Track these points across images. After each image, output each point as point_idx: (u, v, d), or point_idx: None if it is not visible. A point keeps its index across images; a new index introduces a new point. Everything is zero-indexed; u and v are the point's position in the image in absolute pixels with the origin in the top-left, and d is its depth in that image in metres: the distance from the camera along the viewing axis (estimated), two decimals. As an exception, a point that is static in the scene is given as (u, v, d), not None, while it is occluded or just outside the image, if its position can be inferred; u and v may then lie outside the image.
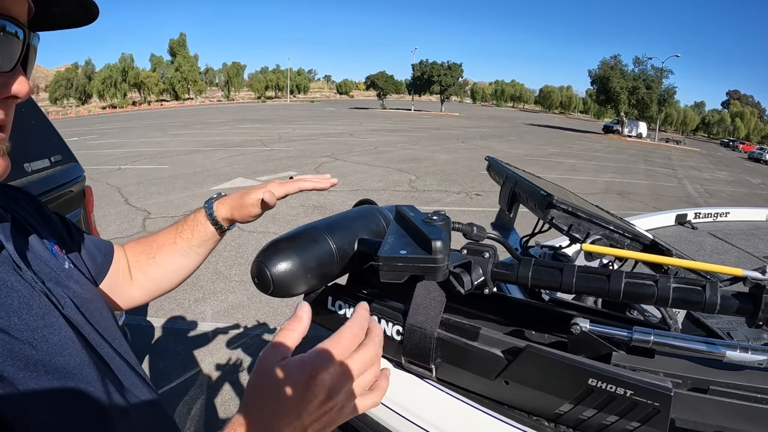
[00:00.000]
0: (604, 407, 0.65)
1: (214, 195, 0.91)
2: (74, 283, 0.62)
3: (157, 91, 69.08)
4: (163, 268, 0.89)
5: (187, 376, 3.06)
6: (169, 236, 0.89)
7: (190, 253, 0.89)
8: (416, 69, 61.19)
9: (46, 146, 2.61)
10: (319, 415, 0.47)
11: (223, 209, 0.87)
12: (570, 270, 0.68)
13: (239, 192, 0.86)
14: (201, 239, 0.88)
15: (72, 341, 0.52)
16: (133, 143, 16.76)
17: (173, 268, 0.89)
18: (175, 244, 0.88)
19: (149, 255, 0.88)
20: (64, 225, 0.75)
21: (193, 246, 0.88)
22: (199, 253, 0.90)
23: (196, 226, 0.88)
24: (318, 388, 0.47)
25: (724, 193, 14.22)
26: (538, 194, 1.08)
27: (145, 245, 0.89)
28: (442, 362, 0.77)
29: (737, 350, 0.69)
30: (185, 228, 0.89)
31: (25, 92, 0.50)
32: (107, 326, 0.63)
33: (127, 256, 0.88)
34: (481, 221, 0.83)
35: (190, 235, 0.88)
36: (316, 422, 0.47)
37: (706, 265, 0.78)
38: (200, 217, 0.88)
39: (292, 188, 0.83)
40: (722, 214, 2.60)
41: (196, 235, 0.88)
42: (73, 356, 0.50)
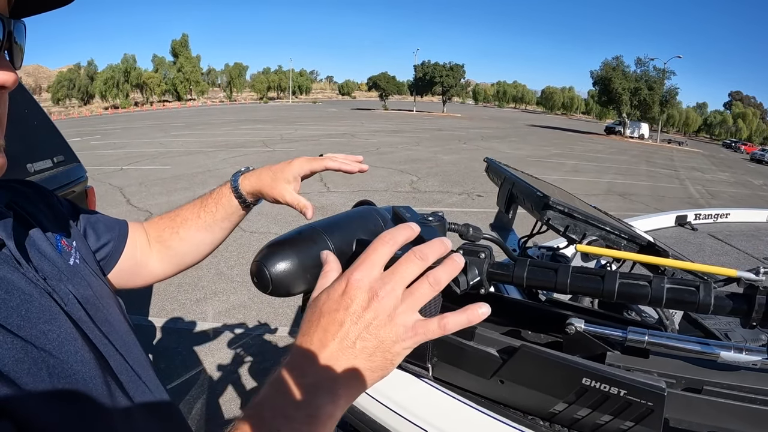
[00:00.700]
0: (598, 407, 0.66)
1: (242, 168, 0.89)
2: (79, 280, 0.61)
3: (159, 91, 69.23)
4: (187, 242, 0.87)
5: (188, 375, 3.07)
6: (194, 210, 0.88)
7: (214, 228, 0.88)
8: (418, 70, 61.25)
9: (48, 147, 2.63)
10: (366, 322, 0.44)
11: (249, 183, 0.85)
12: (564, 270, 0.69)
13: (268, 168, 0.84)
14: (225, 213, 0.87)
15: (73, 339, 0.52)
16: (136, 144, 16.80)
17: (197, 242, 0.88)
18: (199, 218, 0.87)
19: (173, 229, 0.87)
20: (71, 212, 0.75)
21: (217, 220, 0.87)
22: (223, 228, 0.89)
23: (221, 199, 0.86)
24: (354, 291, 0.44)
25: (726, 195, 14.19)
26: (535, 195, 1.08)
27: (169, 220, 0.88)
28: (439, 361, 0.77)
29: (731, 351, 0.69)
30: (210, 201, 0.87)
31: (12, 81, 0.48)
32: (112, 324, 0.62)
33: (149, 232, 0.87)
34: (482, 222, 0.84)
35: (215, 209, 0.87)
36: (365, 331, 0.44)
37: (700, 266, 0.78)
38: (225, 190, 0.86)
39: (318, 166, 0.81)
40: (723, 215, 2.60)
41: (221, 208, 0.86)
42: (73, 354, 0.50)
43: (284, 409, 0.42)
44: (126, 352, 0.61)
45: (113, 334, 0.61)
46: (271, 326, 3.77)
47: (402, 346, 0.45)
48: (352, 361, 0.44)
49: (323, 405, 0.42)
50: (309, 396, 0.42)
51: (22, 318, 0.48)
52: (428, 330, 0.45)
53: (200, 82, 72.62)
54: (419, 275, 0.46)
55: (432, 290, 0.46)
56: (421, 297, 0.46)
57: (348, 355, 0.44)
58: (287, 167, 0.82)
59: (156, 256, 0.87)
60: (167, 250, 0.87)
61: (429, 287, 0.46)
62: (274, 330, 3.71)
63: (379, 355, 0.44)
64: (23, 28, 0.53)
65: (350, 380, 0.44)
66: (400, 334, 0.45)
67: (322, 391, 0.43)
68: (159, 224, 0.88)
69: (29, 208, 0.64)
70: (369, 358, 0.44)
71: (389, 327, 0.44)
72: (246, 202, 0.86)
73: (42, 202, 0.68)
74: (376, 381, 0.46)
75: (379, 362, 0.45)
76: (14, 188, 0.66)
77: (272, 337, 3.62)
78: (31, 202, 0.66)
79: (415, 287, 0.46)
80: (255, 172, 0.86)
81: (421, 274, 0.46)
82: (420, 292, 0.45)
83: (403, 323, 0.45)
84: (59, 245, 0.63)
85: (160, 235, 0.87)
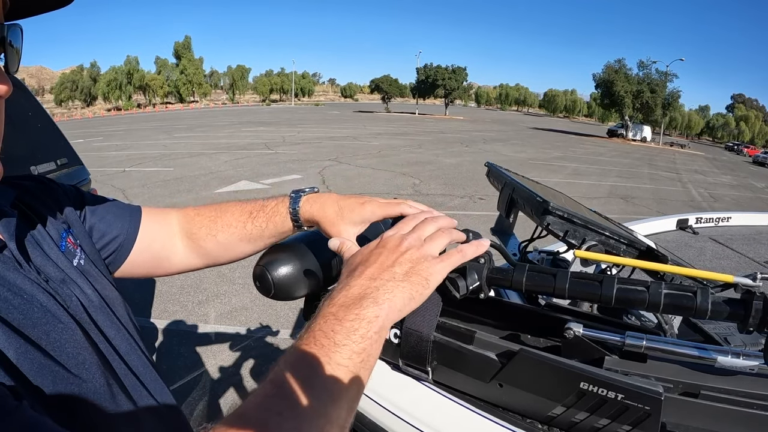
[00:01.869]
0: (595, 410, 0.66)
1: (306, 188, 0.81)
2: (83, 281, 0.61)
3: (161, 93, 69.43)
4: (224, 247, 0.82)
5: (190, 377, 3.07)
6: (240, 218, 0.80)
7: (258, 242, 0.81)
8: (421, 72, 61.25)
9: (52, 149, 2.65)
10: (401, 252, 0.56)
11: (310, 210, 0.76)
12: (563, 275, 0.70)
13: (336, 200, 0.74)
14: (275, 231, 0.79)
15: (75, 342, 0.51)
16: (138, 146, 16.84)
17: (235, 250, 0.83)
18: (245, 228, 0.80)
19: (210, 230, 0.81)
20: (78, 202, 0.72)
21: (265, 237, 0.80)
22: (267, 243, 0.82)
23: (274, 217, 0.79)
24: (388, 239, 0.59)
25: (729, 198, 14.15)
26: (535, 200, 1.09)
27: (208, 220, 0.82)
28: (439, 365, 0.78)
29: (728, 356, 0.70)
30: (261, 216, 0.79)
31: (3, 91, 0.47)
32: (116, 327, 0.62)
33: (183, 224, 0.82)
34: (484, 225, 0.84)
35: (265, 225, 0.79)
36: (401, 257, 0.56)
37: (698, 272, 0.79)
38: (281, 209, 0.78)
39: (393, 212, 0.72)
40: (724, 219, 2.60)
41: (272, 226, 0.79)
42: (74, 356, 0.50)
43: (336, 313, 0.49)
44: (130, 356, 0.61)
45: (117, 338, 0.61)
46: (273, 329, 3.78)
47: (434, 269, 0.56)
48: (392, 276, 0.54)
49: (368, 306, 0.50)
50: (355, 301, 0.50)
51: (25, 317, 0.48)
52: (451, 256, 0.59)
53: (203, 84, 72.85)
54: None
55: (446, 236, 0.61)
56: (439, 241, 0.60)
57: (388, 272, 0.54)
58: (358, 208, 0.72)
59: (183, 250, 0.82)
60: (198, 248, 0.82)
61: (443, 234, 0.61)
62: (276, 332, 3.72)
63: (415, 273, 0.55)
64: (19, 31, 0.53)
65: (393, 290, 0.52)
66: (429, 259, 0.57)
67: (366, 297, 0.51)
68: (195, 221, 0.82)
69: (35, 205, 0.63)
70: (407, 276, 0.54)
71: (419, 253, 0.57)
72: (301, 227, 0.78)
73: (49, 198, 0.67)
74: (417, 297, 0.54)
75: (416, 279, 0.54)
76: (21, 185, 0.64)
77: (274, 339, 3.63)
78: (38, 200, 0.65)
79: (432, 235, 0.61)
80: (319, 200, 0.76)
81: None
82: (438, 237, 0.61)
83: (430, 253, 0.58)
84: (63, 244, 0.62)
85: (194, 233, 0.82)
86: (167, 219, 0.82)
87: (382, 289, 0.52)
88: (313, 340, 0.47)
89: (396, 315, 0.52)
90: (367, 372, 0.49)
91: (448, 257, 0.58)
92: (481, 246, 0.64)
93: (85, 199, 0.75)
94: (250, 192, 9.03)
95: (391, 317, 0.51)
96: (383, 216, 0.73)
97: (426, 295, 0.55)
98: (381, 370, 0.83)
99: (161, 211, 0.83)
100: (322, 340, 0.47)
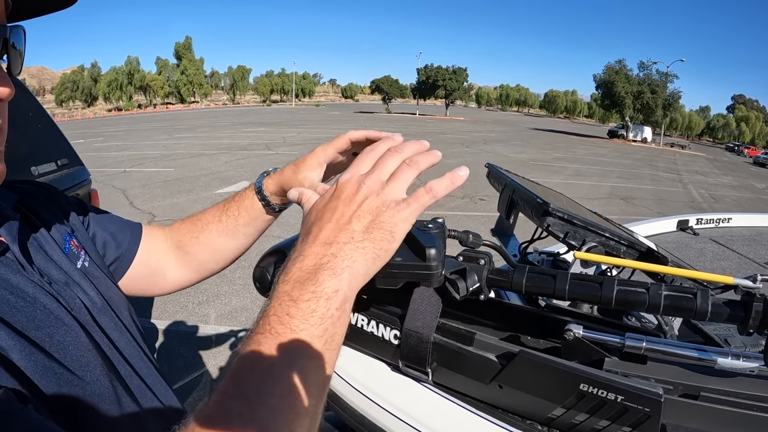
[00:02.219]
0: (595, 412, 0.66)
1: (270, 168, 0.81)
2: (87, 283, 0.61)
3: (162, 94, 69.50)
4: (207, 247, 0.81)
5: (190, 378, 3.08)
6: (216, 213, 0.81)
7: (236, 234, 0.80)
8: (421, 73, 61.29)
9: (52, 150, 2.65)
10: (358, 203, 0.48)
11: (273, 182, 0.77)
12: (563, 277, 0.70)
13: (292, 163, 0.76)
14: (248, 217, 0.79)
15: (79, 344, 0.52)
16: (139, 146, 16.85)
17: (218, 248, 0.82)
18: (221, 221, 0.80)
19: (193, 234, 0.81)
20: (81, 212, 0.73)
21: (240, 225, 0.80)
22: (246, 234, 0.82)
23: (243, 202, 0.79)
24: (343, 185, 0.50)
25: (729, 198, 14.15)
26: (535, 202, 1.09)
27: (190, 224, 0.82)
28: (438, 366, 0.78)
29: (728, 357, 0.70)
30: (232, 204, 0.80)
31: (6, 95, 0.47)
32: (120, 329, 0.62)
33: (171, 237, 0.83)
34: (485, 226, 0.84)
35: (237, 212, 0.79)
36: (358, 209, 0.48)
37: (698, 273, 0.79)
38: (248, 192, 0.79)
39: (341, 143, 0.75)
40: (724, 219, 2.59)
41: (243, 212, 0.79)
42: (77, 359, 0.50)
43: (290, 293, 0.43)
44: (133, 358, 0.61)
45: (121, 340, 0.61)
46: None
47: (399, 217, 0.48)
48: (349, 237, 0.47)
49: (325, 280, 0.44)
50: (310, 275, 0.44)
51: (28, 319, 0.48)
52: (419, 198, 0.50)
53: (203, 84, 72.92)
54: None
55: (411, 170, 0.51)
56: (404, 177, 0.51)
57: (345, 232, 0.47)
58: (309, 155, 0.75)
59: (174, 264, 0.82)
60: (186, 256, 0.82)
61: (408, 168, 0.51)
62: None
63: (377, 227, 0.47)
64: (22, 33, 0.52)
65: (352, 255, 0.46)
66: (392, 206, 0.48)
67: (323, 269, 0.44)
68: (180, 229, 0.83)
69: (38, 209, 0.64)
70: (367, 232, 0.47)
71: (379, 200, 0.48)
72: (270, 205, 0.78)
73: (51, 202, 0.68)
74: (382, 255, 0.48)
75: (379, 234, 0.47)
76: (23, 189, 0.65)
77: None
78: (40, 204, 0.65)
79: (397, 171, 0.51)
80: (278, 171, 0.78)
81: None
82: (402, 173, 0.51)
83: (392, 197, 0.49)
84: (67, 247, 0.63)
85: (180, 240, 0.82)
86: (161, 236, 0.83)
87: (340, 255, 0.45)
88: (269, 327, 0.42)
89: (361, 281, 0.47)
90: (334, 353, 0.44)
91: (415, 200, 0.49)
92: (456, 177, 0.54)
93: (88, 208, 0.75)
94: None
95: (354, 286, 0.46)
96: (335, 151, 0.74)
97: (393, 250, 0.49)
98: (380, 371, 0.83)
99: (156, 228, 0.83)
100: (278, 327, 0.42)
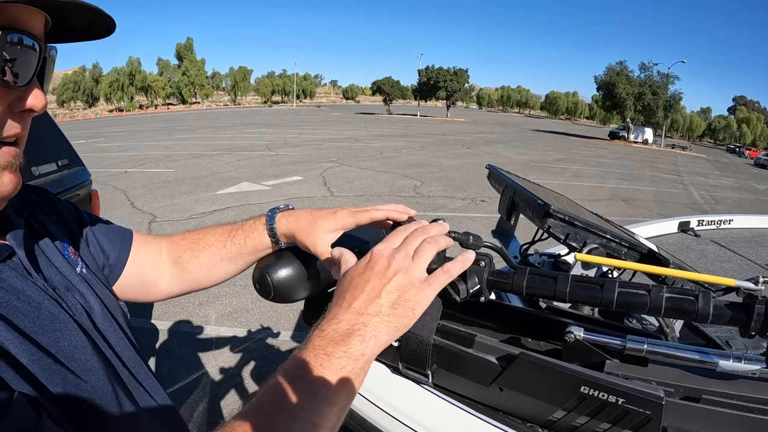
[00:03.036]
0: (596, 415, 0.66)
1: (281, 205, 0.82)
2: (86, 288, 0.62)
3: (164, 94, 69.57)
4: (206, 269, 0.82)
5: (190, 378, 3.07)
6: (220, 237, 0.81)
7: (238, 261, 0.81)
8: (422, 74, 61.30)
9: (53, 150, 2.65)
10: (388, 278, 0.56)
11: (286, 224, 0.77)
12: (564, 279, 0.69)
13: (309, 212, 0.77)
14: (254, 248, 0.80)
15: (83, 348, 0.53)
16: (140, 147, 16.86)
17: (217, 271, 0.83)
18: (225, 247, 0.81)
19: (193, 253, 0.82)
20: (76, 218, 0.73)
21: (244, 254, 0.81)
22: (247, 262, 0.82)
23: (252, 234, 0.80)
24: (377, 257, 0.58)
25: (730, 200, 14.13)
26: (536, 203, 1.09)
27: (191, 242, 0.83)
28: (438, 368, 0.78)
29: (730, 360, 0.70)
30: (240, 233, 0.81)
31: (41, 106, 0.51)
32: (118, 334, 0.63)
33: (168, 251, 0.83)
34: (486, 227, 0.84)
35: (243, 242, 0.80)
36: (388, 284, 0.56)
37: (699, 275, 0.79)
38: (259, 226, 0.79)
39: (363, 218, 0.75)
40: (726, 221, 2.59)
41: (249, 243, 0.80)
42: (83, 363, 0.51)
43: (325, 348, 0.51)
44: (132, 362, 0.62)
45: (119, 344, 0.62)
46: (274, 330, 3.77)
47: (420, 296, 0.57)
48: (378, 310, 0.54)
49: (355, 344, 0.52)
50: (343, 338, 0.52)
51: (35, 324, 0.49)
52: (437, 278, 0.59)
53: (205, 85, 72.99)
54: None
55: (432, 248, 0.60)
56: (426, 255, 0.60)
57: (375, 305, 0.54)
58: (330, 216, 0.75)
59: (169, 276, 0.83)
60: (183, 273, 0.82)
61: (428, 245, 0.60)
62: (277, 334, 3.72)
63: (401, 304, 0.55)
64: (55, 53, 0.55)
65: (378, 326, 0.54)
66: (416, 285, 0.57)
67: (354, 335, 0.52)
68: (180, 245, 0.83)
69: (38, 215, 0.64)
70: (393, 308, 0.55)
71: (407, 279, 0.57)
72: (279, 243, 0.79)
73: (50, 208, 0.68)
74: (402, 329, 0.56)
75: (402, 311, 0.55)
76: (23, 195, 0.65)
77: (274, 341, 3.63)
78: (40, 209, 0.66)
79: (419, 248, 0.60)
80: (294, 214, 0.78)
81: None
82: (424, 251, 0.60)
83: (417, 277, 0.58)
84: (66, 253, 0.63)
85: (179, 257, 0.82)
86: (157, 246, 0.83)
87: (369, 325, 0.53)
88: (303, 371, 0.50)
89: (382, 347, 0.54)
90: (351, 399, 0.52)
91: (434, 280, 0.59)
92: (466, 260, 0.63)
93: (81, 215, 0.75)
94: (251, 193, 9.01)
95: (376, 352, 0.54)
96: (354, 224, 0.76)
97: (411, 324, 0.56)
98: (381, 373, 0.83)
99: (152, 238, 0.84)
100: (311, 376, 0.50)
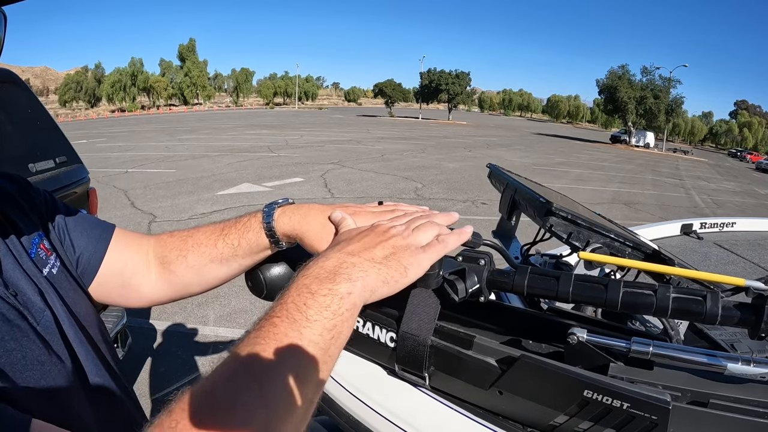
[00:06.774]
0: (600, 420, 0.64)
1: (280, 199, 0.72)
2: (53, 293, 0.58)
3: (166, 95, 69.88)
4: (194, 271, 0.73)
5: (188, 379, 3.05)
6: (211, 236, 0.72)
7: (231, 263, 0.72)
8: (424, 77, 61.47)
9: (51, 147, 2.64)
10: (386, 237, 0.56)
11: (288, 223, 0.67)
12: (567, 278, 0.67)
13: (320, 209, 0.68)
14: (249, 250, 0.70)
15: (39, 363, 0.50)
16: (141, 147, 16.90)
17: (205, 273, 0.73)
18: (215, 247, 0.71)
19: (181, 252, 0.72)
20: (52, 209, 0.67)
21: (238, 256, 0.71)
22: (242, 264, 0.73)
23: (247, 233, 0.70)
24: (379, 224, 0.60)
25: (732, 204, 14.12)
26: (537, 201, 1.06)
27: (180, 240, 0.73)
28: (436, 370, 0.75)
29: (739, 363, 0.67)
30: (233, 232, 0.71)
31: None
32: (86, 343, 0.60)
33: (156, 250, 0.74)
34: (486, 230, 0.82)
35: (236, 242, 0.70)
36: (385, 241, 0.56)
37: (707, 275, 0.76)
38: (254, 224, 0.69)
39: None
40: (728, 224, 2.57)
41: (244, 243, 0.70)
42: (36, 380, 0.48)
43: (309, 286, 0.48)
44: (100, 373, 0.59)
45: (86, 354, 0.58)
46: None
47: (415, 259, 0.56)
48: (370, 257, 0.53)
49: (341, 282, 0.49)
50: (330, 274, 0.49)
51: None
52: (433, 247, 0.58)
53: (207, 86, 73.27)
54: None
55: (434, 227, 0.61)
56: (428, 231, 0.60)
57: (368, 252, 0.53)
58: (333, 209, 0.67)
59: (155, 279, 0.74)
60: (169, 275, 0.73)
61: (431, 225, 0.61)
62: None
63: (395, 260, 0.54)
64: (2, 18, 0.50)
65: (368, 269, 0.51)
66: (412, 249, 0.57)
67: (341, 272, 0.50)
68: (167, 243, 0.74)
69: (8, 209, 0.60)
70: (386, 260, 0.53)
71: (403, 242, 0.57)
72: (279, 243, 0.69)
73: (24, 199, 0.64)
74: (391, 283, 0.53)
75: (394, 265, 0.53)
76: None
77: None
78: (12, 201, 0.62)
79: (420, 226, 0.61)
80: (299, 211, 0.68)
81: None
82: (424, 229, 0.60)
83: (414, 243, 0.58)
84: (34, 251, 0.59)
85: (165, 256, 0.73)
86: (143, 244, 0.75)
87: (357, 266, 0.51)
88: (286, 312, 0.46)
89: (368, 295, 0.51)
90: (338, 350, 0.48)
91: (430, 248, 0.58)
92: (463, 234, 0.64)
93: (57, 206, 0.69)
94: (252, 194, 9.00)
95: (363, 296, 0.50)
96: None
97: (402, 284, 0.54)
98: (376, 375, 0.81)
99: (137, 236, 0.76)
100: (295, 314, 0.46)
